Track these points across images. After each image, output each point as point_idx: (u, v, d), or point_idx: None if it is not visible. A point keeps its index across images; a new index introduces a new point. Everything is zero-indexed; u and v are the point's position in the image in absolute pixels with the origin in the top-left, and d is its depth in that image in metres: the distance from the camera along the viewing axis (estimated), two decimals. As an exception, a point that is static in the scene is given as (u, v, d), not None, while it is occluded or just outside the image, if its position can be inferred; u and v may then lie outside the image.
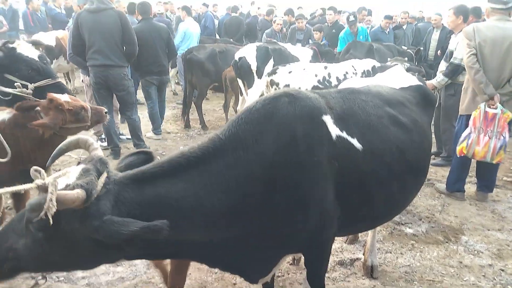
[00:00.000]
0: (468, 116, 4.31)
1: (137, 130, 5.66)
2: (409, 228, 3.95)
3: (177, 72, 9.45)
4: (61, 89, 3.18)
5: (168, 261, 2.53)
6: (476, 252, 3.56)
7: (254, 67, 6.40)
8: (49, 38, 8.41)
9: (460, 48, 4.69)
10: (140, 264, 3.16)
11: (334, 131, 1.92)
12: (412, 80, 2.67)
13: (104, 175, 1.50)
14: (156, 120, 6.45)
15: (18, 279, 2.91)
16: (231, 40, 9.93)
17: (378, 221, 2.50)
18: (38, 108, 2.77)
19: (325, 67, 5.42)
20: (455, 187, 4.61)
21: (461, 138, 4.25)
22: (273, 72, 5.43)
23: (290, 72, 5.30)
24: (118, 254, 1.60)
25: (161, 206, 1.54)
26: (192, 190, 1.61)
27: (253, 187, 1.71)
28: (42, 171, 1.40)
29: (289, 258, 3.15)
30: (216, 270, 3.15)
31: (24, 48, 3.19)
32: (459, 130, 4.46)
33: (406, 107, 2.35)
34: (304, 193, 1.82)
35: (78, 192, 1.33)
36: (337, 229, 2.08)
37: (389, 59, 6.16)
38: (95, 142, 1.70)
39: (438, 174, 5.34)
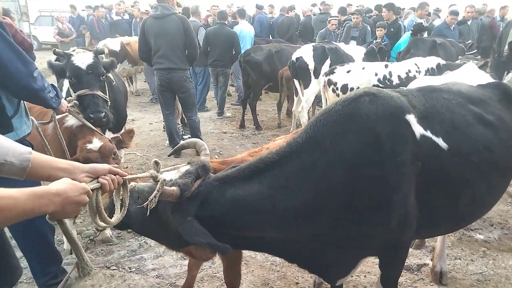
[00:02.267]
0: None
1: (197, 130, 5.92)
2: (479, 234, 3.74)
3: (232, 73, 9.64)
4: (92, 101, 3.27)
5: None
6: (558, 263, 3.30)
7: (311, 67, 6.38)
8: (114, 43, 8.96)
9: None
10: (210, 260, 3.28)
11: (418, 130, 1.86)
12: (488, 77, 2.52)
13: (200, 179, 1.71)
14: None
15: (96, 268, 3.14)
16: (282, 40, 9.98)
17: (462, 223, 2.38)
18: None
19: (386, 66, 5.26)
20: (531, 192, 4.29)
21: None
22: (331, 71, 5.37)
23: (348, 72, 5.22)
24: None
25: (239, 207, 1.67)
26: (267, 192, 1.69)
27: (333, 188, 1.71)
28: (160, 164, 1.59)
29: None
30: (279, 268, 3.20)
31: (78, 56, 3.38)
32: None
33: (489, 104, 2.22)
34: (386, 195, 1.77)
35: (174, 190, 1.56)
36: (416, 232, 2.00)
37: (460, 57, 5.85)
38: (207, 149, 1.92)
39: (510, 178, 4.99)
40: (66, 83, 3.96)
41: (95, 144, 2.74)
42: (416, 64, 5.16)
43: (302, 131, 1.84)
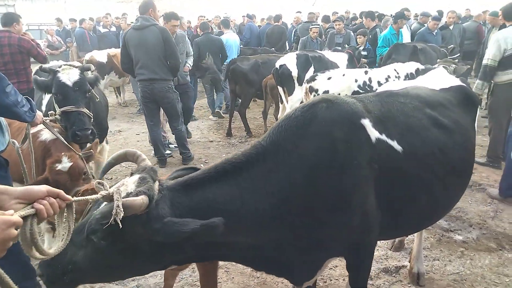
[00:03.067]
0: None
1: (183, 140, 5.94)
2: (459, 235, 3.79)
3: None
4: (78, 118, 3.32)
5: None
6: (534, 261, 3.35)
7: (295, 74, 6.45)
8: (101, 55, 9.01)
9: (490, 48, 4.65)
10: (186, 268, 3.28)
11: (374, 134, 1.93)
12: (453, 81, 2.59)
13: (157, 182, 1.61)
14: (211, 105, 8.58)
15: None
16: (273, 49, 10.06)
17: (422, 224, 2.44)
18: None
19: (366, 72, 5.35)
20: (508, 192, 4.36)
21: None
22: (312, 79, 5.44)
23: (329, 78, 5.29)
24: (170, 258, 1.71)
25: (209, 210, 1.61)
26: (238, 194, 1.69)
27: (295, 191, 1.75)
28: (105, 183, 1.45)
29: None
30: (259, 274, 3.22)
31: (65, 73, 3.42)
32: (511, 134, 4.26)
33: (447, 108, 2.29)
34: (345, 196, 1.83)
35: (143, 198, 1.44)
36: (380, 233, 2.06)
37: (438, 60, 5.96)
38: (142, 154, 1.81)
39: (490, 178, 5.07)
40: (45, 97, 3.99)
41: (64, 164, 2.65)
42: (395, 70, 5.25)
43: (266, 134, 1.89)
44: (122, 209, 1.36)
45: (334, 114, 1.88)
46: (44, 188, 1.21)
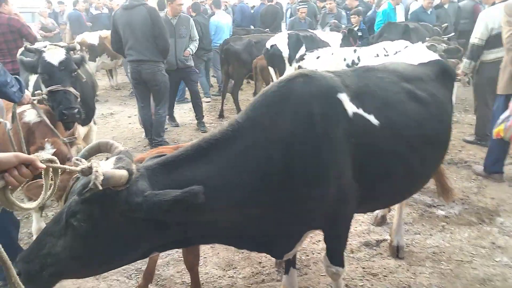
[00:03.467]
0: (507, 96, 4.14)
1: (160, 126, 5.74)
2: (441, 210, 3.87)
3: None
4: (64, 97, 3.34)
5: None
6: (511, 233, 3.44)
7: (286, 54, 6.45)
8: (93, 37, 8.94)
9: (477, 27, 4.63)
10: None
11: (351, 108, 1.95)
12: (431, 56, 2.62)
13: (134, 163, 1.58)
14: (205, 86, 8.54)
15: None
16: (267, 30, 9.95)
17: (400, 196, 2.49)
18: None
19: (355, 51, 5.34)
20: (493, 168, 4.43)
21: (499, 120, 4.07)
22: (301, 58, 5.44)
23: (318, 58, 5.28)
24: (153, 241, 1.65)
25: (188, 186, 1.53)
26: (215, 171, 1.68)
27: (273, 165, 1.77)
28: (83, 160, 1.45)
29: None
30: (243, 250, 3.30)
31: (50, 52, 3.43)
32: (496, 111, 4.30)
33: (424, 82, 2.32)
34: (322, 169, 1.86)
35: (123, 171, 1.43)
36: (358, 205, 2.11)
37: (427, 38, 5.94)
38: (115, 143, 1.79)
39: (477, 156, 5.13)
40: (32, 78, 4.01)
41: (47, 151, 2.69)
42: (384, 48, 5.23)
43: (242, 111, 1.91)
44: (101, 174, 1.34)
45: (311, 88, 1.90)
46: (13, 158, 1.20)
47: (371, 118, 2.00)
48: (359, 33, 7.67)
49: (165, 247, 1.85)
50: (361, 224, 3.64)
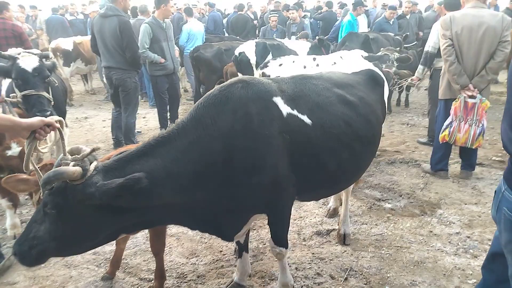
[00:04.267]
0: (446, 101, 4.61)
1: (129, 132, 5.83)
2: (388, 203, 4.26)
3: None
4: (37, 101, 3.64)
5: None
6: (448, 223, 3.85)
7: (253, 61, 6.78)
8: (67, 43, 9.07)
9: (431, 36, 5.10)
10: (140, 237, 3.62)
11: (285, 109, 2.28)
12: (364, 65, 3.01)
13: (95, 162, 1.91)
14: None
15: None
16: (238, 37, 10.34)
17: (336, 187, 2.83)
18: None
19: (314, 59, 5.72)
20: (438, 166, 4.87)
21: (444, 126, 4.53)
22: (265, 65, 5.77)
23: (280, 65, 5.63)
24: (116, 224, 1.98)
25: None
26: (162, 164, 1.97)
27: (214, 158, 2.06)
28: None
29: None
30: (206, 240, 3.59)
31: (24, 59, 3.69)
32: (438, 113, 4.77)
33: (354, 87, 2.69)
34: (258, 161, 2.16)
35: (76, 168, 1.78)
36: (298, 194, 2.44)
37: (382, 49, 6.41)
38: (84, 147, 2.04)
39: (428, 156, 5.54)
40: (4, 82, 4.20)
41: (14, 150, 2.93)
42: (341, 57, 5.64)
43: (187, 113, 2.20)
44: (53, 170, 1.74)
45: (249, 92, 2.21)
46: (40, 122, 1.83)
47: (304, 118, 2.34)
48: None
49: (129, 229, 2.17)
50: (315, 216, 3.99)
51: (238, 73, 6.98)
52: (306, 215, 4.03)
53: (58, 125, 1.92)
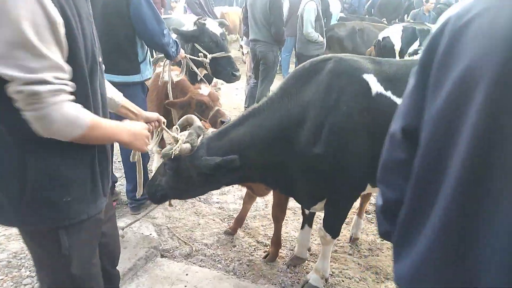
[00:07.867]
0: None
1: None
2: None
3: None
4: (230, 62, 4.04)
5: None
6: None
7: (397, 48, 6.39)
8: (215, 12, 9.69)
9: None
10: (260, 203, 3.81)
11: (376, 88, 2.15)
12: None
13: (201, 136, 2.28)
14: None
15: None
16: (383, 20, 9.65)
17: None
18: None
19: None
20: None
21: None
22: (415, 53, 5.39)
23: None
24: (217, 181, 2.35)
25: (231, 146, 2.22)
26: (250, 131, 2.23)
27: (291, 126, 2.18)
28: (179, 129, 2.29)
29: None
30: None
31: (211, 25, 4.04)
32: None
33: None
34: (331, 135, 2.11)
35: (187, 146, 2.17)
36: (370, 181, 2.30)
37: None
38: (197, 119, 2.43)
39: None
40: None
41: (204, 90, 3.34)
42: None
43: (279, 85, 2.34)
44: (177, 151, 2.14)
45: (338, 67, 2.17)
46: (156, 116, 1.99)
47: (398, 101, 2.10)
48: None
49: (229, 183, 2.55)
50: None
51: (378, 58, 6.67)
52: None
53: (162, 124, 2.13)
